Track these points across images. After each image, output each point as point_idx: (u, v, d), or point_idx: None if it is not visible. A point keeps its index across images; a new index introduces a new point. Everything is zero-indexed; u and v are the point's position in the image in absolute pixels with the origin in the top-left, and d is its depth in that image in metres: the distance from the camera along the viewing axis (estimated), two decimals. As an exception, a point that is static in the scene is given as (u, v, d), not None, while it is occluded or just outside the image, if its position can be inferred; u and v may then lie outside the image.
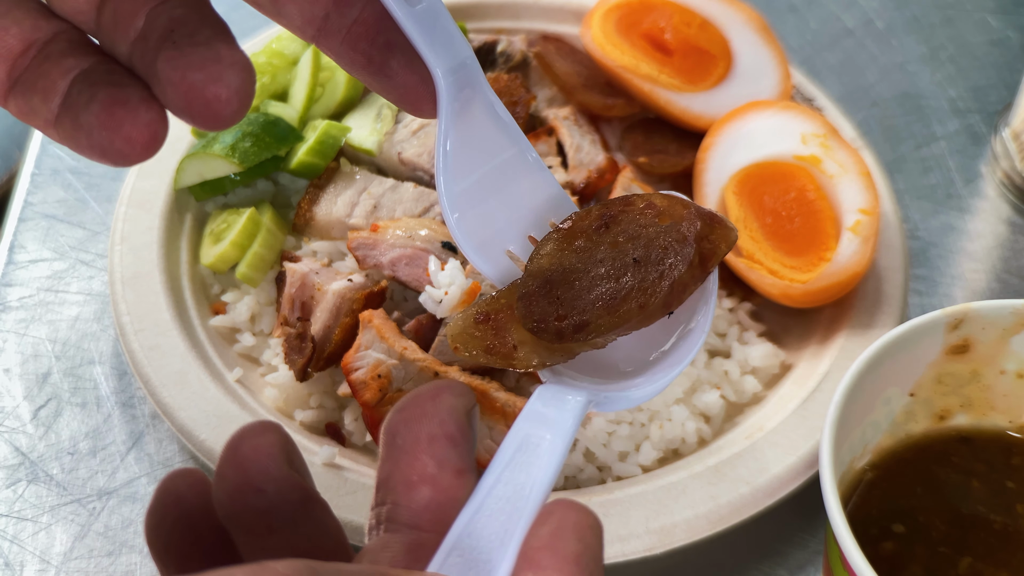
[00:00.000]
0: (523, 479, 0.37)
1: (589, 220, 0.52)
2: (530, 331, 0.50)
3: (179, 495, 0.36)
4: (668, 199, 0.51)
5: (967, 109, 0.98)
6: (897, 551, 0.57)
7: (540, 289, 0.51)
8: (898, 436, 0.62)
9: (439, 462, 0.35)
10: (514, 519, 0.35)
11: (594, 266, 0.51)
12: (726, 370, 0.75)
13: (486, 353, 0.51)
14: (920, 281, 0.85)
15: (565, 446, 0.39)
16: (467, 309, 0.52)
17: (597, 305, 0.50)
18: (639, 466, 0.70)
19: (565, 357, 0.50)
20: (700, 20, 0.86)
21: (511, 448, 0.38)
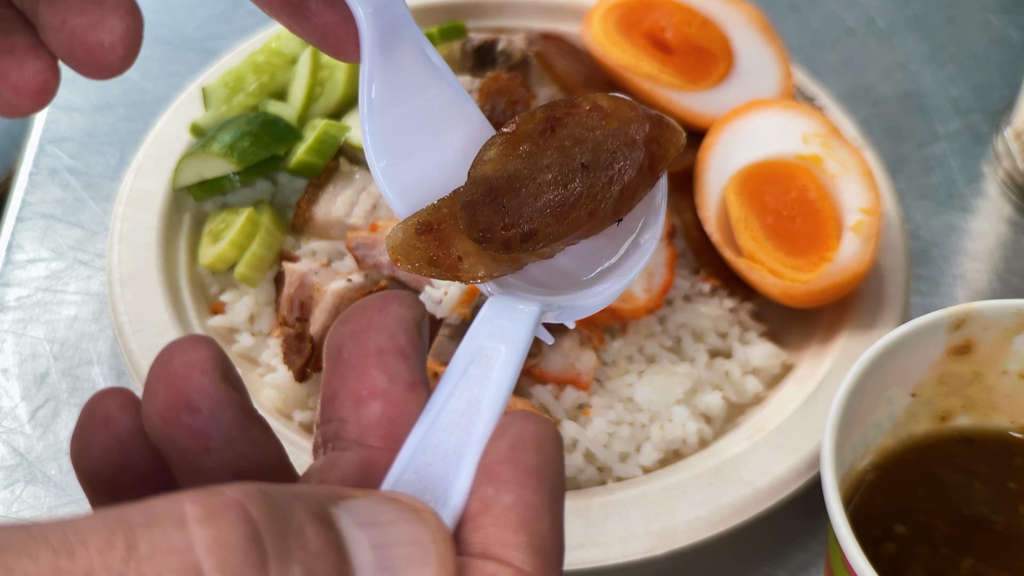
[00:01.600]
0: (477, 392, 0.35)
1: (533, 124, 0.49)
2: (476, 241, 0.47)
3: (107, 415, 0.33)
4: (615, 100, 0.49)
5: (969, 108, 0.98)
6: (899, 552, 0.57)
7: (484, 197, 0.48)
8: (900, 437, 0.62)
9: (389, 376, 0.33)
10: (469, 433, 0.33)
11: (540, 172, 0.48)
12: (727, 370, 0.75)
13: (429, 265, 0.48)
14: (922, 281, 0.85)
15: (520, 357, 0.37)
16: (407, 219, 0.49)
17: (545, 213, 0.48)
18: (640, 467, 0.70)
19: (512, 268, 0.47)
20: (701, 19, 0.86)
21: (464, 361, 0.36)
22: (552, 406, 0.71)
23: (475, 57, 0.89)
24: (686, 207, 0.80)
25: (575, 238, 0.46)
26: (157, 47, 1.02)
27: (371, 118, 0.45)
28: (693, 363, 0.75)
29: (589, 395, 0.72)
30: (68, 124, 0.95)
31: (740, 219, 0.76)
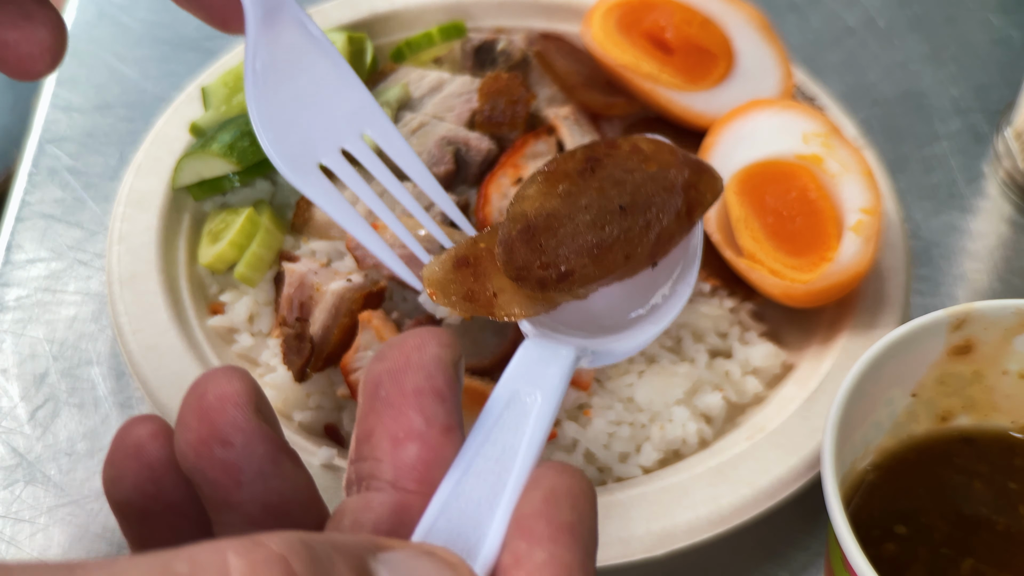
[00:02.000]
0: (512, 439, 0.35)
1: (573, 163, 0.49)
2: (512, 279, 0.48)
3: (139, 444, 0.34)
4: (655, 144, 0.49)
5: (969, 108, 0.98)
6: (899, 552, 0.57)
7: (522, 235, 0.48)
8: (900, 437, 0.62)
9: (426, 418, 0.33)
10: (504, 481, 0.33)
11: (578, 212, 0.48)
12: (727, 370, 0.75)
13: (464, 300, 0.49)
14: (922, 281, 0.85)
15: (556, 404, 0.37)
16: (444, 253, 0.49)
17: (582, 254, 0.48)
18: (640, 467, 0.70)
19: (546, 307, 0.48)
20: (701, 19, 0.86)
21: (499, 405, 0.36)
22: (552, 406, 0.71)
23: (475, 57, 0.89)
24: (686, 207, 0.80)
25: (610, 280, 0.46)
26: (156, 47, 1.02)
27: (256, 90, 0.46)
28: (693, 363, 0.75)
29: (589, 395, 0.72)
30: (67, 124, 0.95)
31: (740, 219, 0.76)
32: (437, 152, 0.81)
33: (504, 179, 0.80)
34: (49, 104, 0.97)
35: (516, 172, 0.80)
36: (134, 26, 1.04)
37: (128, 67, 1.00)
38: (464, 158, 0.81)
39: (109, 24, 1.04)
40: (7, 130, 1.32)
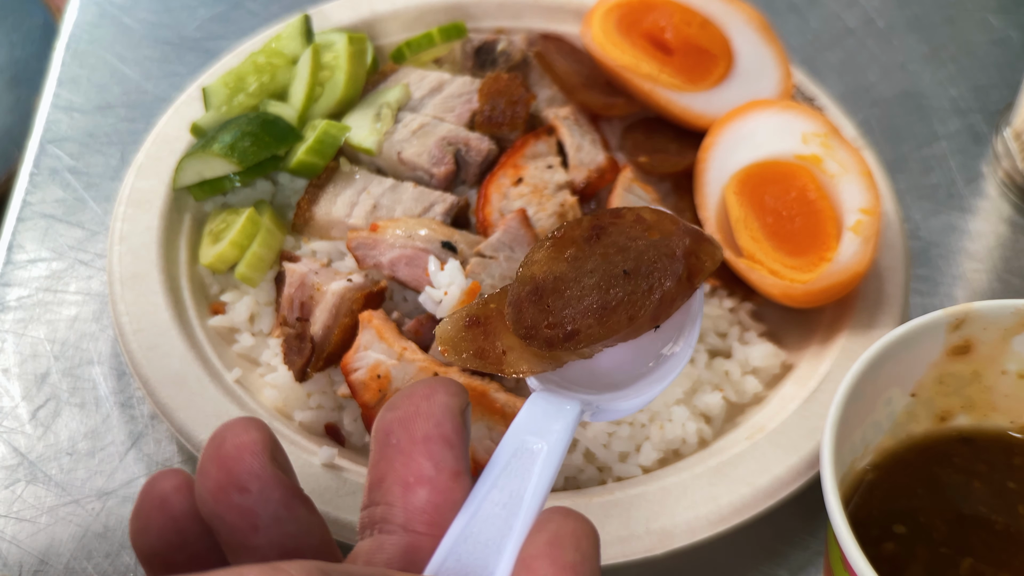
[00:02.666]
0: (518, 486, 0.37)
1: (580, 230, 0.52)
2: (520, 337, 0.50)
3: (164, 497, 0.36)
4: (657, 214, 0.52)
5: (968, 108, 0.98)
6: (898, 552, 0.57)
7: (530, 296, 0.51)
8: (899, 437, 0.62)
9: (436, 464, 0.35)
10: (510, 525, 0.35)
11: (584, 276, 0.51)
12: (727, 370, 0.75)
13: (475, 357, 0.51)
14: (921, 281, 0.85)
15: (560, 455, 0.39)
16: (457, 312, 0.52)
17: (587, 315, 0.50)
18: (640, 467, 0.70)
19: (553, 365, 0.50)
20: (701, 19, 0.86)
21: (506, 454, 0.38)
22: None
23: (475, 57, 0.89)
24: (686, 207, 0.80)
25: (614, 340, 0.48)
26: (157, 47, 1.03)
27: None
28: (693, 363, 0.75)
29: (589, 395, 0.72)
30: (69, 124, 0.95)
31: (740, 219, 0.76)
32: (437, 152, 0.82)
33: (504, 179, 0.80)
34: (50, 104, 0.97)
35: (516, 172, 0.80)
36: (135, 27, 1.05)
37: (129, 67, 1.01)
38: (464, 158, 0.82)
39: (110, 25, 1.05)
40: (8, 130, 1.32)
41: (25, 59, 1.40)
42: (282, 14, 1.01)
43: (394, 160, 0.82)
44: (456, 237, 0.76)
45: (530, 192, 0.79)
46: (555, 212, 0.77)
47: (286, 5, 1.05)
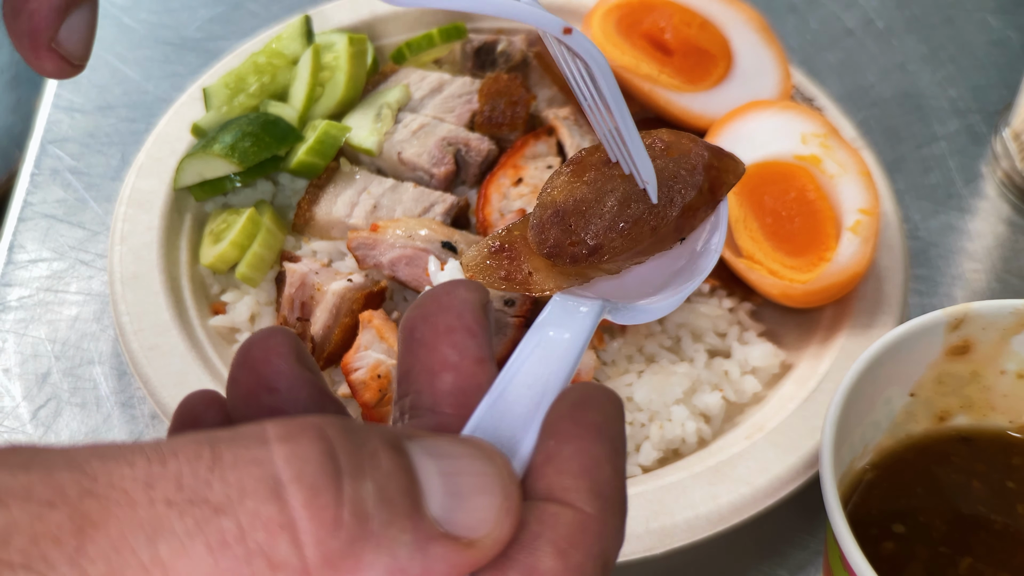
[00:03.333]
0: (543, 370, 0.37)
1: (598, 154, 0.53)
2: (545, 256, 0.51)
3: (197, 415, 0.36)
4: (675, 134, 0.52)
5: (967, 109, 0.98)
6: (897, 551, 0.57)
7: (552, 218, 0.52)
8: (898, 436, 0.62)
9: (459, 351, 0.35)
10: (536, 402, 0.35)
11: (605, 196, 0.52)
12: (726, 370, 0.75)
13: (502, 280, 0.52)
14: (920, 281, 0.85)
15: (584, 341, 0.39)
16: (481, 241, 0.53)
17: (610, 229, 0.50)
18: (639, 466, 0.70)
19: (580, 281, 0.50)
20: (700, 20, 0.86)
21: (531, 345, 0.38)
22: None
23: (475, 58, 0.89)
24: (685, 207, 0.81)
25: (639, 254, 0.49)
26: (158, 48, 1.03)
27: None
28: (692, 363, 0.75)
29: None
30: (70, 125, 0.95)
31: (739, 219, 0.76)
32: (437, 153, 0.82)
33: (504, 179, 0.80)
34: (51, 105, 0.97)
35: (516, 173, 0.80)
36: (136, 27, 1.05)
37: (130, 68, 1.01)
38: (464, 159, 0.82)
39: (111, 25, 1.05)
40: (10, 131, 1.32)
41: (26, 59, 1.40)
42: (283, 15, 1.02)
43: (394, 160, 0.83)
44: (456, 237, 0.76)
45: (530, 192, 0.79)
46: (556, 212, 0.78)
47: (287, 6, 1.05)
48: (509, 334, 0.70)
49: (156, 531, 0.25)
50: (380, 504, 0.27)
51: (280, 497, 0.25)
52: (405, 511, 0.27)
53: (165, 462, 0.25)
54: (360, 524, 0.26)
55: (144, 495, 0.25)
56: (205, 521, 0.25)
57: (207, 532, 0.25)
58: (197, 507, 0.25)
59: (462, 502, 0.28)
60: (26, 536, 0.24)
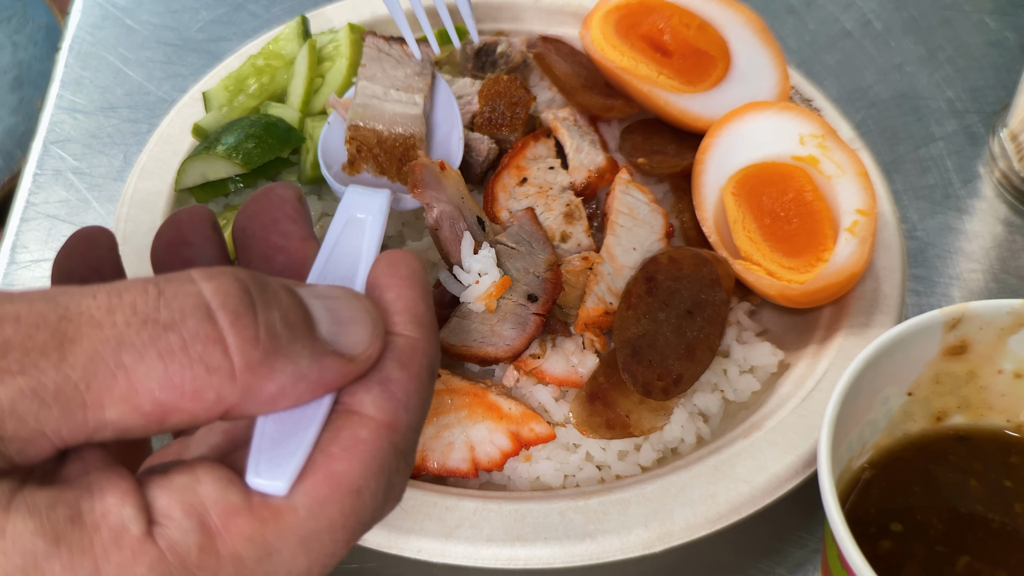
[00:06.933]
0: (356, 242, 0.46)
1: (638, 286, 0.71)
2: (641, 394, 0.67)
3: (92, 239, 0.46)
4: (680, 250, 0.71)
5: (965, 110, 0.98)
6: (895, 550, 0.57)
7: (633, 358, 0.67)
8: (896, 435, 0.62)
9: (285, 236, 0.44)
10: (356, 266, 0.44)
11: (663, 326, 0.69)
12: (724, 369, 0.75)
13: (607, 429, 0.68)
14: (918, 281, 0.85)
15: (382, 222, 0.48)
16: (578, 394, 0.69)
17: (682, 359, 0.68)
18: (638, 465, 0.70)
19: (667, 414, 0.69)
20: (699, 21, 0.86)
21: (340, 224, 0.47)
22: (553, 408, 0.72)
23: (475, 59, 0.89)
24: (684, 208, 0.81)
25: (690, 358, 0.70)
26: (160, 49, 1.03)
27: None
28: (691, 362, 0.75)
29: (589, 394, 0.72)
30: (72, 126, 0.95)
31: (737, 220, 0.76)
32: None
33: (510, 180, 0.80)
34: (54, 106, 0.97)
35: (520, 173, 0.81)
36: (138, 28, 1.05)
37: (132, 69, 1.01)
38: (466, 159, 0.82)
39: (114, 26, 1.05)
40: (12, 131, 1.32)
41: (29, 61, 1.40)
42: (283, 16, 1.02)
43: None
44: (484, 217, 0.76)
45: (536, 193, 0.79)
46: (562, 213, 0.78)
47: (287, 7, 1.05)
48: (529, 330, 0.71)
49: (119, 344, 0.32)
50: (285, 328, 0.35)
51: (212, 319, 0.33)
52: (304, 333, 0.35)
53: (120, 295, 0.33)
54: (272, 341, 0.34)
55: (108, 318, 0.32)
56: (156, 336, 0.32)
57: (158, 344, 0.32)
58: (149, 326, 0.32)
59: (344, 328, 0.37)
60: (20, 350, 0.31)
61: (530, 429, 0.69)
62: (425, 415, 0.40)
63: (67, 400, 0.32)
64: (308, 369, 0.35)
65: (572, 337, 0.73)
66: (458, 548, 0.64)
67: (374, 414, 0.37)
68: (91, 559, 0.32)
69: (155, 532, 0.33)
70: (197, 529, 0.33)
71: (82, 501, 0.32)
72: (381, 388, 0.38)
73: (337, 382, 0.37)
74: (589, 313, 0.72)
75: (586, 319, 0.72)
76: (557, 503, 0.66)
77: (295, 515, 0.35)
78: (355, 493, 0.36)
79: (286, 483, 0.35)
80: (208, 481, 0.34)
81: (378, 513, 0.38)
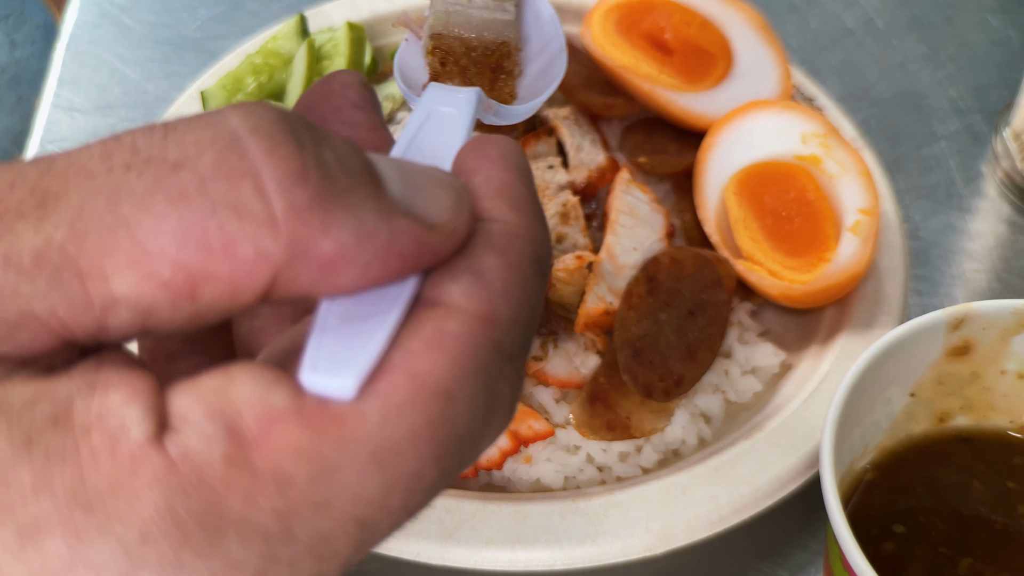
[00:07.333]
0: (437, 138, 0.37)
1: (639, 286, 0.69)
2: (642, 395, 0.66)
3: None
4: (680, 250, 0.69)
5: (968, 109, 0.98)
6: (897, 551, 0.57)
7: (635, 359, 0.67)
8: (899, 436, 0.62)
9: (350, 124, 0.35)
10: (441, 156, 0.35)
11: (664, 327, 0.68)
12: (726, 370, 0.75)
13: (608, 431, 0.68)
14: (921, 281, 0.85)
15: (469, 118, 0.39)
16: (579, 396, 0.68)
17: (683, 359, 0.67)
18: (639, 467, 0.70)
19: (668, 415, 0.67)
20: (700, 20, 0.86)
21: (419, 118, 0.38)
22: (553, 409, 0.71)
23: (475, 58, 0.89)
24: (686, 207, 0.81)
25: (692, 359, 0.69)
26: (158, 48, 1.03)
27: None
28: (693, 363, 0.75)
29: (589, 395, 0.72)
30: (69, 124, 0.95)
31: (739, 220, 0.76)
32: (437, 153, 0.82)
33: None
34: (51, 105, 0.97)
35: (516, 172, 0.80)
36: (136, 27, 1.05)
37: (130, 68, 1.01)
38: (464, 159, 0.82)
39: (111, 25, 1.05)
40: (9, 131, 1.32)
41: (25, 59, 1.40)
42: (282, 14, 1.02)
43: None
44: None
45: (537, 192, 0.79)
46: (557, 212, 0.78)
47: (286, 5, 1.05)
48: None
49: (116, 192, 0.24)
50: (342, 170, 0.26)
51: (239, 147, 0.24)
52: (367, 182, 0.26)
53: (119, 139, 0.25)
54: (325, 181, 0.25)
55: (101, 165, 0.24)
56: (163, 177, 0.24)
57: (167, 187, 0.24)
58: (154, 165, 0.24)
59: (420, 191, 0.28)
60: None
61: (528, 426, 0.69)
62: (535, 316, 0.30)
63: (53, 267, 0.24)
64: (375, 228, 0.26)
65: (574, 337, 0.73)
66: (457, 551, 0.64)
67: (465, 304, 0.28)
68: (74, 467, 0.23)
69: (166, 438, 0.24)
70: (223, 436, 0.24)
71: (76, 399, 0.24)
72: (473, 276, 0.29)
73: (415, 255, 0.28)
74: (590, 312, 0.72)
75: (587, 319, 0.72)
76: (557, 505, 0.66)
77: (364, 423, 0.26)
78: (444, 396, 0.27)
79: (353, 381, 0.26)
80: (244, 380, 0.25)
81: (480, 428, 0.28)
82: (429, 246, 0.28)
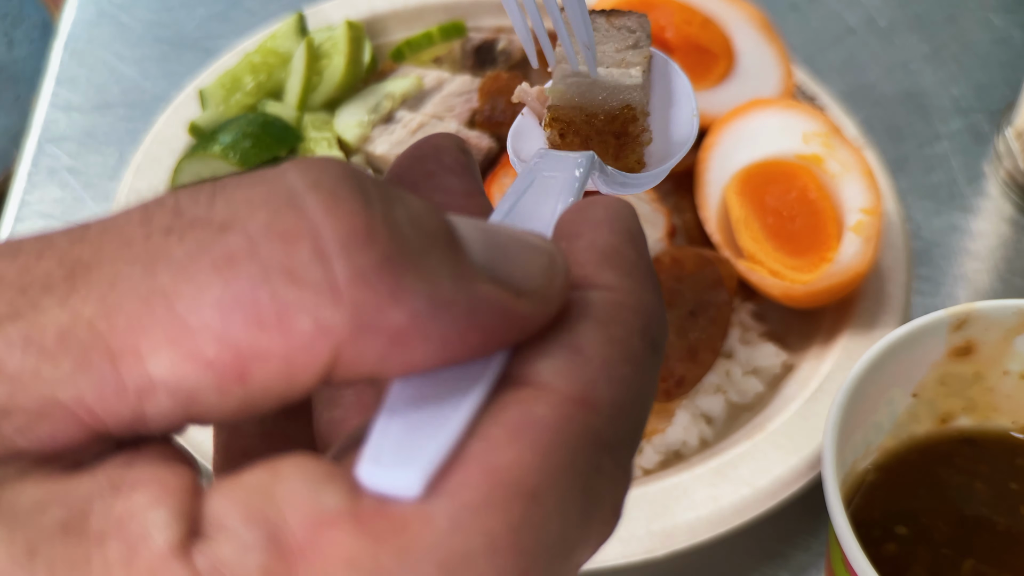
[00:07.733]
0: (541, 205, 0.33)
1: None
2: None
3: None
4: (680, 250, 0.68)
5: (970, 108, 0.98)
6: (900, 553, 0.57)
7: None
8: (901, 437, 0.62)
9: (443, 190, 0.31)
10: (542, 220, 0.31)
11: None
12: (728, 370, 0.75)
13: None
14: (923, 281, 0.85)
15: (579, 182, 0.35)
16: None
17: (684, 360, 0.65)
18: (640, 468, 0.70)
19: (668, 416, 0.65)
20: (701, 18, 0.86)
21: (523, 184, 0.34)
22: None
23: (475, 56, 0.89)
24: (687, 207, 0.80)
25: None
26: (156, 46, 1.02)
27: None
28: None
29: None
30: (67, 123, 0.95)
31: (740, 219, 0.76)
32: (437, 152, 0.81)
33: (507, 179, 0.80)
34: (48, 103, 0.97)
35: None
36: (134, 25, 1.04)
37: (128, 66, 1.00)
38: (464, 158, 0.81)
39: (109, 23, 1.04)
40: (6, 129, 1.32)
41: (23, 58, 1.40)
42: (281, 13, 1.01)
43: (374, 157, 0.82)
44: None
45: (531, 191, 0.79)
46: (555, 212, 0.78)
47: (285, 4, 1.05)
48: None
49: (153, 260, 0.21)
50: (415, 231, 0.22)
51: (297, 204, 0.21)
52: (444, 244, 0.23)
53: (162, 201, 0.22)
54: (395, 242, 0.21)
55: (140, 230, 0.21)
56: (208, 241, 0.21)
57: (212, 251, 0.21)
58: (199, 228, 0.21)
59: (506, 255, 0.24)
60: (14, 288, 0.21)
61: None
62: (644, 400, 0.26)
63: (81, 347, 0.20)
64: (453, 295, 0.22)
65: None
66: (457, 552, 0.63)
67: (557, 384, 0.24)
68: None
69: (195, 547, 0.20)
70: (262, 545, 0.20)
71: (96, 501, 0.20)
72: (567, 352, 0.24)
73: (499, 327, 0.24)
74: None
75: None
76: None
77: (430, 528, 0.21)
78: (529, 496, 0.22)
79: (419, 476, 0.22)
80: (292, 476, 0.21)
81: (574, 535, 0.23)
82: (516, 317, 0.24)
